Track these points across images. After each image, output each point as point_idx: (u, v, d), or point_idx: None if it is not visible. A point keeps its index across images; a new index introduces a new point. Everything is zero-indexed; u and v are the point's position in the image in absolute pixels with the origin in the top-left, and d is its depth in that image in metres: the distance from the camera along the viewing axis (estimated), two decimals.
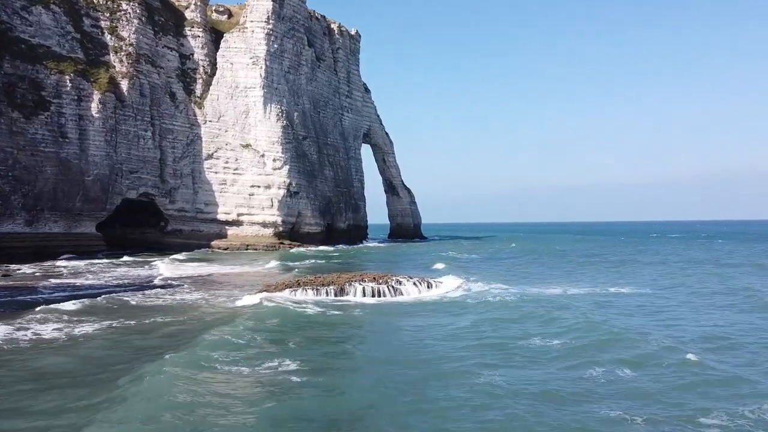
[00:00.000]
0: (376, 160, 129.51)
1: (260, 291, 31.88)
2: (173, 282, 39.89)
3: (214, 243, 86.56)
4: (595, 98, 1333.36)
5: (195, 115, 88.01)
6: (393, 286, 33.27)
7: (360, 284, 31.97)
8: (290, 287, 31.32)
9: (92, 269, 50.91)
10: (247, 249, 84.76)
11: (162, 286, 37.42)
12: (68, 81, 73.14)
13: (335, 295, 31.12)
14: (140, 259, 62.56)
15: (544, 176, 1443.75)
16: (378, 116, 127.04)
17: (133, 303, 29.74)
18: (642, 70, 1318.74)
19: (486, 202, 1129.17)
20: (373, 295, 31.74)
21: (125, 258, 64.29)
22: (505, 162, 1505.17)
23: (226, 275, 46.66)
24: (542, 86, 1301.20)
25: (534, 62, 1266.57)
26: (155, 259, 63.08)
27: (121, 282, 40.41)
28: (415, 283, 34.34)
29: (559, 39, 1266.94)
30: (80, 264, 56.53)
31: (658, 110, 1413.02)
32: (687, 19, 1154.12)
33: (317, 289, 31.12)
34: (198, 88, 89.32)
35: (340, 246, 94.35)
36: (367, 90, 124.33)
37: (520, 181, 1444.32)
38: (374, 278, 34.83)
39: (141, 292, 34.31)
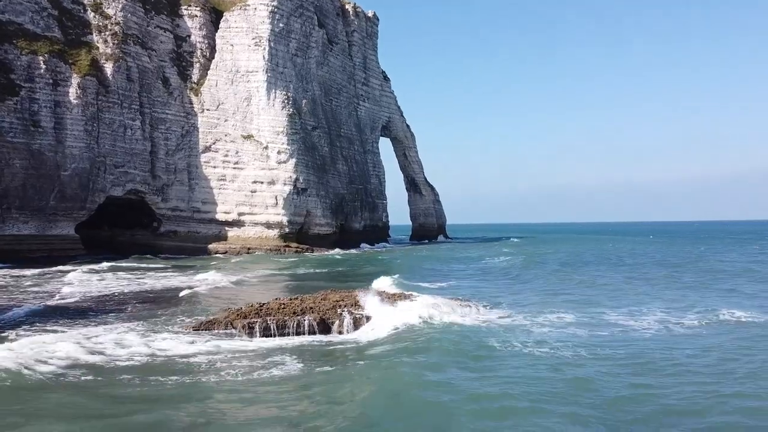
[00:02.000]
0: (396, 155, 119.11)
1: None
2: (52, 305, 28.65)
3: (212, 246, 76.92)
4: (596, 102, 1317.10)
5: (191, 103, 78.67)
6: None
7: (349, 313, 21.52)
8: (245, 317, 20.99)
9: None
10: (248, 252, 75.07)
11: (18, 314, 26.06)
12: (42, 63, 64.47)
13: (309, 333, 20.75)
14: (69, 268, 49.54)
15: (544, 177, 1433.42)
16: (398, 107, 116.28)
17: None
18: (645, 76, 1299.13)
19: (485, 203, 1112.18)
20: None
21: (61, 267, 51.53)
22: (505, 163, 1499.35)
23: (147, 294, 34.15)
24: (543, 89, 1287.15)
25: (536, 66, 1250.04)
26: (115, 264, 52.81)
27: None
28: (432, 308, 23.87)
29: (560, 45, 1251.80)
30: None
31: (656, 114, 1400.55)
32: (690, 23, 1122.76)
33: (283, 323, 20.70)
34: (195, 74, 79.99)
35: (351, 250, 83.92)
36: (386, 78, 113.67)
37: (520, 183, 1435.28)
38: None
39: None
